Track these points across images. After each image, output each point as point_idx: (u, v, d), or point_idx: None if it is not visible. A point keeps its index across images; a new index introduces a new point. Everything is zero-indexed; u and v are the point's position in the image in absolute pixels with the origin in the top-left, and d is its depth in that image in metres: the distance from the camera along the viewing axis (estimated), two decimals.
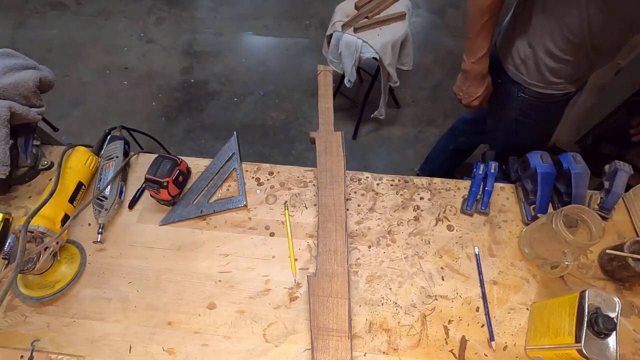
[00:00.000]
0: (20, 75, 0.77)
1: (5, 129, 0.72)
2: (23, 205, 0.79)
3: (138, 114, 2.16)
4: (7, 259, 0.60)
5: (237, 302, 0.68)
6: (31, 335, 0.65)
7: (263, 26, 2.52)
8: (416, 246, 0.74)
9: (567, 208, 0.62)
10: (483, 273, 0.70)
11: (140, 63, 2.37)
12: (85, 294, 0.69)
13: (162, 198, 0.75)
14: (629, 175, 0.72)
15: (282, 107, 2.16)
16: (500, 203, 0.78)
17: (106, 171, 0.78)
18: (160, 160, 0.75)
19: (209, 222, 0.77)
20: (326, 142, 0.77)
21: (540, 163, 0.73)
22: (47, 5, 2.73)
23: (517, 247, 0.73)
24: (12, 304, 0.68)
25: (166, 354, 0.64)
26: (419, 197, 0.79)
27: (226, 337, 0.65)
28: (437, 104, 2.18)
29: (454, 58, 2.36)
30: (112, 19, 2.63)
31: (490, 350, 0.63)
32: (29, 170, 0.81)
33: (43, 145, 0.88)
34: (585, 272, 0.70)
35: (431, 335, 0.65)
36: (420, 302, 0.68)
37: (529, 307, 0.67)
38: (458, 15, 2.61)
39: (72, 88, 2.27)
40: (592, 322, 0.52)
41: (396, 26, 1.59)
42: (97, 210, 0.75)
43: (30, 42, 2.52)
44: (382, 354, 0.63)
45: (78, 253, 0.72)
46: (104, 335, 0.66)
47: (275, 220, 0.77)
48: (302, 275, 0.71)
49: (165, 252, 0.74)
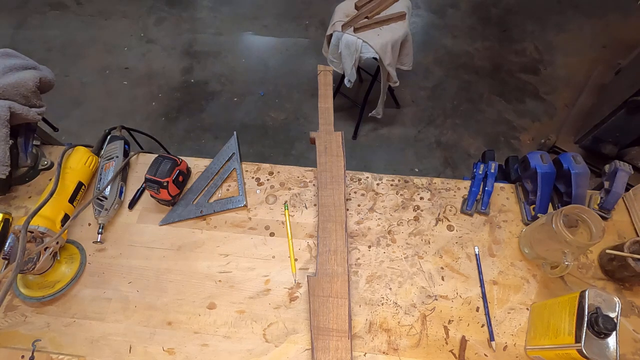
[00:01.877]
0: (20, 75, 0.77)
1: (5, 129, 0.72)
2: (23, 205, 0.79)
3: (138, 114, 2.16)
4: (7, 259, 0.60)
5: (237, 302, 0.68)
6: (31, 335, 0.65)
7: (263, 26, 2.52)
8: (416, 246, 0.74)
9: (567, 208, 0.62)
10: (483, 273, 0.70)
11: (140, 63, 2.37)
12: (85, 294, 0.69)
13: (162, 198, 0.75)
14: (629, 175, 0.72)
15: (282, 107, 2.16)
16: (500, 203, 0.78)
17: (106, 171, 0.78)
18: (160, 160, 0.75)
19: (209, 222, 0.77)
20: (326, 142, 0.77)
21: (540, 163, 0.73)
22: (47, 5, 2.73)
23: (517, 247, 0.73)
24: (12, 304, 0.68)
25: (166, 354, 0.64)
26: (419, 197, 0.79)
27: (226, 337, 0.65)
28: (437, 104, 2.18)
29: (454, 58, 2.37)
30: (112, 19, 2.63)
31: (490, 350, 0.63)
32: (29, 170, 0.81)
33: (43, 145, 0.88)
34: (585, 272, 0.70)
35: (431, 335, 0.65)
36: (420, 302, 0.68)
37: (529, 307, 0.67)
38: (458, 15, 2.62)
39: (72, 88, 2.27)
40: (592, 322, 0.52)
41: (396, 26, 1.59)
42: (97, 210, 0.75)
43: (30, 42, 2.52)
44: (382, 354, 0.63)
45: (78, 253, 0.72)
46: (104, 335, 0.66)
47: (275, 220, 0.77)
48: (302, 275, 0.71)
49: (165, 252, 0.74)
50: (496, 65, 2.37)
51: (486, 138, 2.08)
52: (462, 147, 2.05)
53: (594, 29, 2.53)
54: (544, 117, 2.15)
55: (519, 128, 2.11)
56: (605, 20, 2.56)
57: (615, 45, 2.40)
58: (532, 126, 2.12)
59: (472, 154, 2.01)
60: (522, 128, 2.11)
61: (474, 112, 2.17)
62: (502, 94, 2.24)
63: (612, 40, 2.44)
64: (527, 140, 2.07)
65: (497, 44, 2.47)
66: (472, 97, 2.22)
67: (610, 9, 2.60)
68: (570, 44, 2.45)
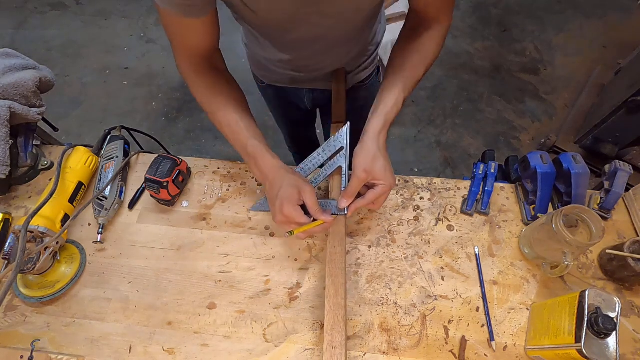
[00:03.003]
0: (20, 75, 0.77)
1: (5, 129, 0.72)
2: (23, 205, 0.79)
3: (138, 114, 2.16)
4: (7, 259, 0.60)
5: (237, 302, 0.68)
6: (31, 335, 0.65)
7: None
8: (416, 246, 0.74)
9: (567, 208, 0.62)
10: (483, 273, 0.70)
11: (140, 63, 2.37)
12: (85, 294, 0.69)
13: (162, 198, 0.75)
14: (629, 175, 0.72)
15: None
16: (500, 203, 0.78)
17: (106, 171, 0.78)
18: (160, 160, 0.75)
19: (209, 222, 0.77)
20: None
21: (540, 163, 0.73)
22: (47, 5, 2.73)
23: (517, 247, 0.73)
24: (12, 304, 0.68)
25: (166, 354, 0.64)
26: (419, 197, 0.79)
27: (226, 337, 0.65)
28: (437, 103, 2.18)
29: (453, 58, 2.37)
30: (112, 19, 2.63)
31: (490, 350, 0.63)
32: (29, 170, 0.81)
33: (43, 145, 0.88)
34: (585, 272, 0.70)
35: (431, 335, 0.65)
36: (420, 302, 0.68)
37: (529, 307, 0.67)
38: (458, 15, 2.61)
39: (72, 88, 2.27)
40: (592, 322, 0.52)
41: (396, 26, 1.59)
42: (97, 210, 0.75)
43: (30, 42, 2.52)
44: (382, 354, 0.63)
45: (78, 253, 0.72)
46: (104, 335, 0.66)
47: None
48: (302, 275, 0.71)
49: (165, 252, 0.74)
50: (496, 65, 2.37)
51: (486, 138, 2.08)
52: (462, 147, 2.05)
53: (594, 29, 2.53)
54: (544, 117, 2.15)
55: (519, 128, 2.11)
56: (605, 20, 2.56)
57: (615, 45, 2.40)
58: (532, 126, 2.12)
59: (472, 154, 2.01)
60: (522, 128, 2.11)
61: (474, 112, 2.17)
62: (502, 94, 2.24)
63: (612, 40, 2.44)
64: (527, 140, 2.07)
65: (497, 44, 2.47)
66: (472, 97, 2.22)
67: (610, 9, 2.60)
68: (570, 44, 2.45)
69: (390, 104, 0.64)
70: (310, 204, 0.61)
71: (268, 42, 0.77)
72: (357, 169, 0.61)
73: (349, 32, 0.72)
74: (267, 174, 0.63)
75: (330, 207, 0.68)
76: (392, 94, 0.64)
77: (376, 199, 0.63)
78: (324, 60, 0.81)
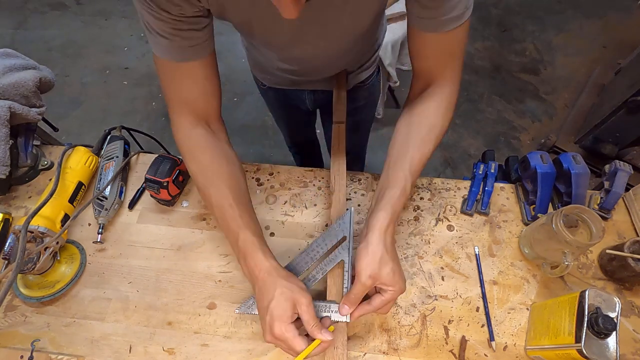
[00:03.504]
0: (20, 75, 0.77)
1: (5, 129, 0.72)
2: (23, 205, 0.79)
3: (138, 114, 2.16)
4: (7, 259, 0.60)
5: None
6: (31, 335, 0.65)
7: None
8: (416, 246, 0.74)
9: (567, 208, 0.62)
10: (483, 273, 0.70)
11: (140, 63, 2.37)
12: (85, 294, 0.69)
13: (162, 198, 0.75)
14: (629, 175, 0.72)
15: None
16: (500, 203, 0.78)
17: (106, 171, 0.78)
18: (160, 160, 0.75)
19: (209, 222, 0.77)
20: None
21: (540, 163, 0.73)
22: (47, 5, 2.73)
23: (517, 247, 0.73)
24: (12, 304, 0.68)
25: (166, 354, 0.64)
26: (419, 197, 0.79)
27: (226, 337, 0.65)
28: None
29: None
30: (112, 19, 2.63)
31: (490, 350, 0.63)
32: (29, 170, 0.81)
33: (43, 145, 0.88)
34: (585, 272, 0.70)
35: (431, 335, 0.65)
36: (420, 302, 0.68)
37: (529, 307, 0.67)
38: None
39: (72, 88, 2.27)
40: (592, 322, 0.52)
41: (396, 26, 1.59)
42: (97, 210, 0.75)
43: (30, 42, 2.52)
44: (382, 354, 0.63)
45: (78, 253, 0.72)
46: (104, 335, 0.66)
47: (275, 220, 0.77)
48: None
49: (165, 252, 0.74)
50: (496, 65, 2.37)
51: (486, 138, 2.08)
52: (462, 147, 2.05)
53: (594, 29, 2.53)
54: (544, 117, 2.15)
55: (519, 128, 2.11)
56: (605, 20, 2.56)
57: (615, 45, 2.40)
58: (532, 126, 2.12)
59: (472, 154, 2.01)
60: (522, 128, 2.12)
61: (474, 112, 2.17)
62: (502, 94, 2.24)
63: (612, 40, 2.44)
64: (527, 140, 2.07)
65: (497, 44, 2.47)
66: (472, 97, 2.22)
67: (610, 8, 2.60)
68: (570, 44, 2.46)
69: (396, 193, 0.57)
70: (306, 319, 0.52)
71: (269, 54, 0.77)
72: (361, 274, 0.53)
73: (350, 44, 0.71)
74: (257, 275, 0.55)
75: (329, 311, 0.59)
76: (398, 180, 0.58)
77: (384, 305, 0.56)
78: (325, 68, 0.82)
